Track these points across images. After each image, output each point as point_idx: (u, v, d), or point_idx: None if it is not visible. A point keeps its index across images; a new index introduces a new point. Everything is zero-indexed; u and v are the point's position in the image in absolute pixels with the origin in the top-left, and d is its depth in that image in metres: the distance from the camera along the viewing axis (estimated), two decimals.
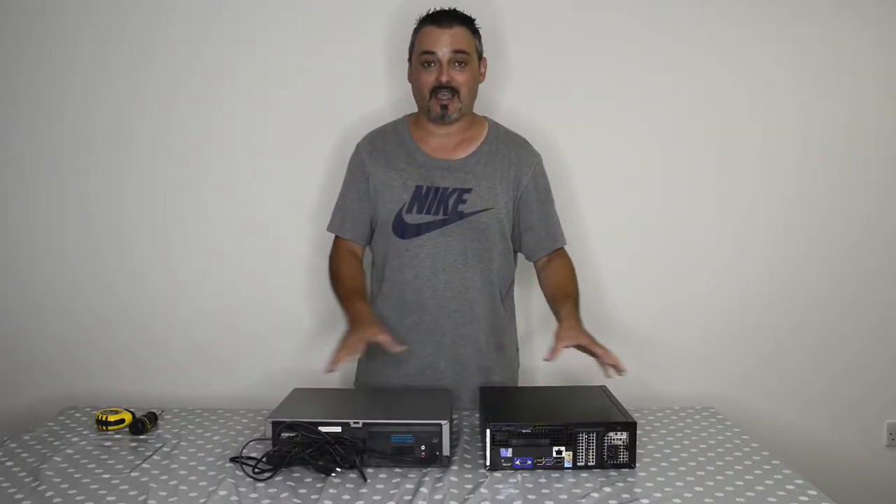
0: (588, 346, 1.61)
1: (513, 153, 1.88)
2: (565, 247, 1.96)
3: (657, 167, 2.31)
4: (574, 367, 2.28)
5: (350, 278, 1.85)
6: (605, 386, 1.74)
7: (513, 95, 2.22)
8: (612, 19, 2.24)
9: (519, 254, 1.97)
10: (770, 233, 2.35)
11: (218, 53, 2.23)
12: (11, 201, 2.27)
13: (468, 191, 1.82)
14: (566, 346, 1.59)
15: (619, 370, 1.59)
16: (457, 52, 1.75)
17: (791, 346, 2.39)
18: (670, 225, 2.33)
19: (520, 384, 2.03)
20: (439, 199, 1.82)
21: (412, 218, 1.82)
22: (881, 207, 2.36)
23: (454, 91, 1.77)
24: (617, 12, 2.24)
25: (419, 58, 1.78)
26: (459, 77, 1.77)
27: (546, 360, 1.58)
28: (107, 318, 2.30)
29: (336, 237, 1.94)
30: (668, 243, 2.34)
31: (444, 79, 1.75)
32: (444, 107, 1.78)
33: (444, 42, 1.74)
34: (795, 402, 2.41)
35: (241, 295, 2.30)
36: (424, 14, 1.82)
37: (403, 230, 1.83)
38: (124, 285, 2.29)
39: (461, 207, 1.81)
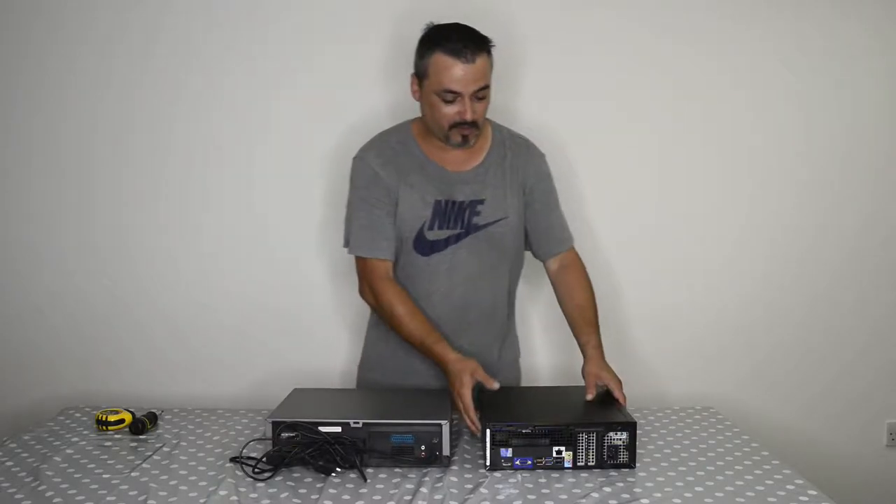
0: (612, 391, 1.66)
1: (518, 157, 1.83)
2: (574, 246, 1.92)
3: (657, 168, 2.31)
4: (576, 367, 2.30)
5: (412, 316, 1.72)
6: (605, 386, 1.74)
7: (523, 97, 2.22)
8: (615, 20, 2.23)
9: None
10: (769, 232, 2.35)
11: (218, 54, 2.22)
12: (12, 201, 2.27)
13: (481, 202, 1.77)
14: (599, 384, 1.67)
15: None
16: (481, 88, 1.65)
17: (791, 346, 2.39)
18: (669, 225, 2.33)
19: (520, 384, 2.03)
20: (457, 212, 1.76)
21: (433, 234, 1.76)
22: (881, 208, 2.36)
23: (475, 123, 1.69)
24: (619, 14, 2.23)
25: (440, 94, 1.65)
26: (480, 108, 1.68)
27: (589, 399, 1.65)
28: (107, 318, 2.30)
29: (364, 260, 1.78)
30: (667, 244, 2.33)
31: (468, 117, 1.65)
32: (465, 136, 1.70)
33: (469, 80, 1.62)
34: (795, 402, 2.41)
35: (241, 295, 2.29)
36: (438, 32, 1.67)
37: (424, 247, 1.77)
38: (124, 285, 2.29)
39: (475, 219, 1.77)
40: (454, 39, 1.63)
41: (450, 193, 1.76)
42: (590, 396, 1.64)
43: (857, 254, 2.37)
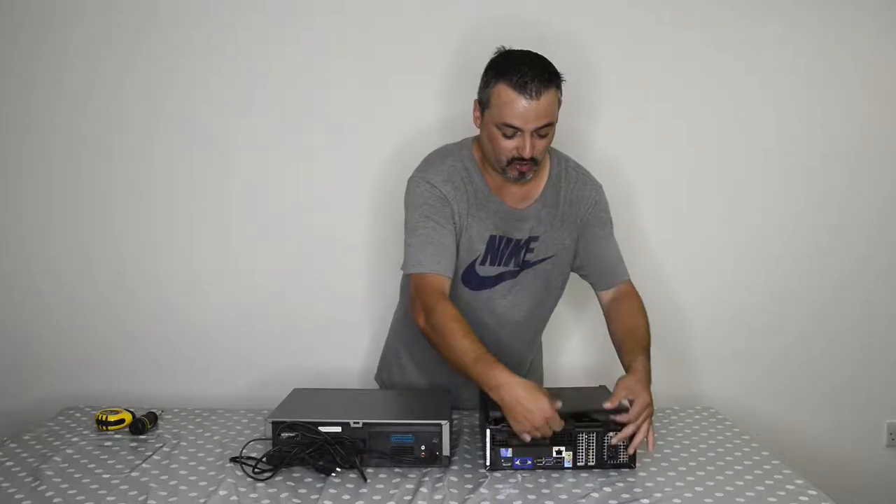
0: (635, 410, 1.49)
1: (574, 191, 1.75)
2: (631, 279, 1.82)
3: (662, 168, 2.31)
4: (583, 366, 2.30)
5: (467, 333, 1.54)
6: (604, 386, 1.74)
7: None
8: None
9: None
10: (774, 235, 2.35)
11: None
12: (10, 201, 2.27)
13: (535, 239, 1.72)
14: (625, 398, 1.50)
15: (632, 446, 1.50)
16: (543, 126, 1.56)
17: (791, 345, 2.39)
18: (674, 226, 2.33)
19: None
20: (512, 249, 1.71)
21: (484, 270, 1.70)
22: (885, 213, 2.37)
23: (534, 160, 1.59)
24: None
25: (500, 127, 1.56)
26: (541, 144, 1.58)
27: (606, 406, 1.49)
28: (107, 318, 2.30)
29: (420, 276, 1.63)
30: (671, 245, 2.33)
31: (527, 154, 1.56)
32: (522, 173, 1.60)
33: (531, 117, 1.53)
34: (795, 402, 2.41)
35: (241, 295, 2.29)
36: (506, 61, 1.57)
37: (473, 281, 1.71)
38: (125, 286, 2.29)
39: (528, 257, 1.72)
40: (521, 73, 1.53)
41: (506, 230, 1.70)
42: (608, 405, 1.49)
43: (859, 254, 2.37)
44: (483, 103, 1.61)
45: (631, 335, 1.68)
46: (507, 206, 1.69)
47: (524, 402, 1.43)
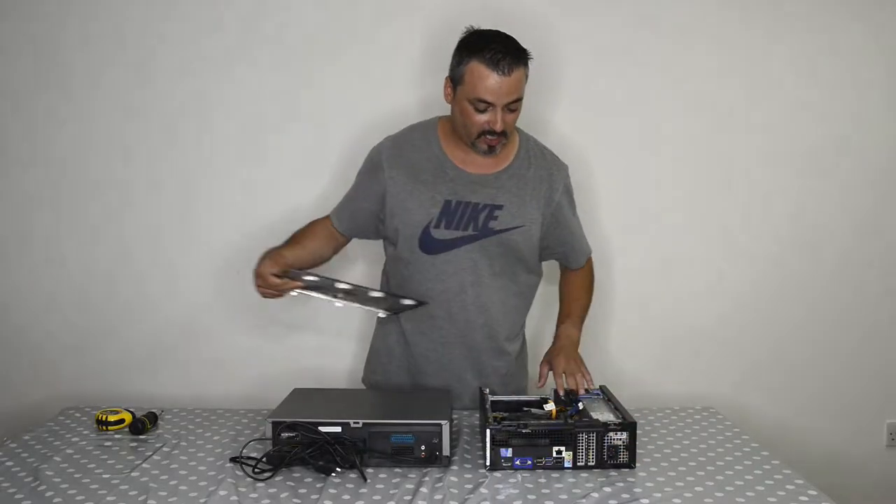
0: (557, 372, 1.73)
1: (544, 169, 1.82)
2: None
3: (657, 167, 2.31)
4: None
5: (300, 238, 1.85)
6: (605, 386, 1.74)
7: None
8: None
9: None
10: (770, 233, 2.35)
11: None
12: (11, 201, 2.27)
13: (499, 207, 1.76)
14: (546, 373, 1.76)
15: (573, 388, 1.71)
16: (513, 101, 1.66)
17: (791, 345, 2.39)
18: (671, 226, 2.33)
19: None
20: (469, 214, 1.75)
21: (440, 233, 1.75)
22: (881, 208, 2.36)
23: (503, 133, 1.69)
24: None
25: (472, 102, 1.65)
26: (511, 118, 1.69)
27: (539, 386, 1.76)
28: (107, 318, 2.30)
29: (329, 216, 1.91)
30: (668, 244, 2.34)
31: (498, 128, 1.66)
32: (491, 146, 1.70)
33: (503, 92, 1.63)
34: (795, 402, 2.41)
35: (241, 295, 2.29)
36: (478, 40, 1.66)
37: (430, 246, 1.76)
38: (124, 286, 2.29)
39: (492, 224, 1.75)
40: (493, 50, 1.62)
41: (463, 195, 1.75)
42: (539, 384, 1.75)
43: (858, 254, 2.37)
44: (455, 80, 1.70)
45: (569, 302, 1.92)
46: (466, 172, 1.76)
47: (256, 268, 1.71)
